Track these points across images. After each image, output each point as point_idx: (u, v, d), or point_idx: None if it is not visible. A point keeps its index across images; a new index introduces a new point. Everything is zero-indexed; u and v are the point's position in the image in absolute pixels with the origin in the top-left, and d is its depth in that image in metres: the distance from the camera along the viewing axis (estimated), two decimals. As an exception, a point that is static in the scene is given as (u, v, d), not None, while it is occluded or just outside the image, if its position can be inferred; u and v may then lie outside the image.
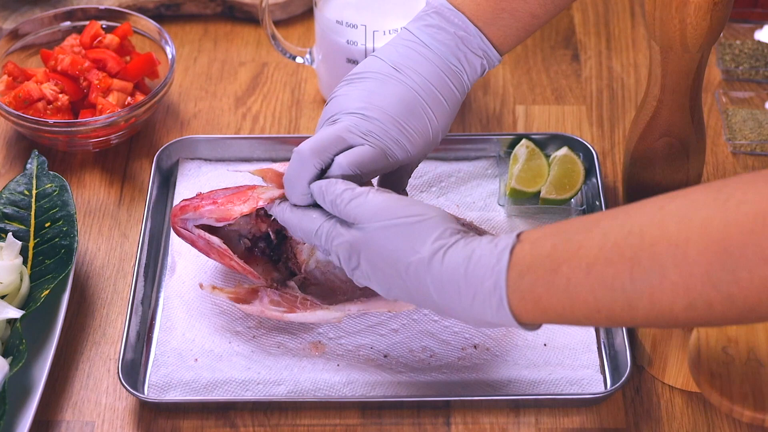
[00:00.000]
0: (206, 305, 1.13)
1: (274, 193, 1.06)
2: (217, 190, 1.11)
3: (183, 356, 1.09)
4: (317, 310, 1.08)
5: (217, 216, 1.08)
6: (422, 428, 1.06)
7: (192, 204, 1.09)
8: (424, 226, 0.94)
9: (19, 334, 1.05)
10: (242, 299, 1.10)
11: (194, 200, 1.10)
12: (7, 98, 1.26)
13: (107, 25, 1.34)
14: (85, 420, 1.07)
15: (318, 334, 1.11)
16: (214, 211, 1.08)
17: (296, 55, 1.34)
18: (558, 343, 1.10)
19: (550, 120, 1.34)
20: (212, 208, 1.08)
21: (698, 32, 1.07)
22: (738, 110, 1.33)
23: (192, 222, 1.09)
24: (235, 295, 1.10)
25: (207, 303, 1.13)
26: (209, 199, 1.09)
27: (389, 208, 0.96)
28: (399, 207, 0.96)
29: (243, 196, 1.08)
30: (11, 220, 1.16)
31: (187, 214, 1.09)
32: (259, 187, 1.08)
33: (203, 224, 1.09)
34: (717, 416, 1.06)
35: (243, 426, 1.06)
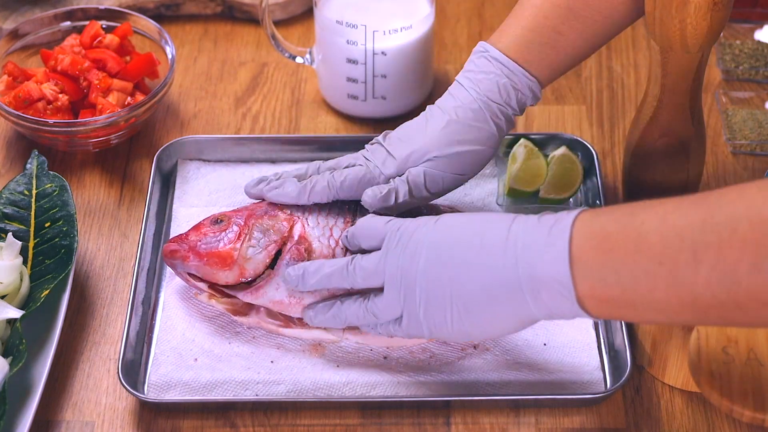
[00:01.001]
0: (207, 305, 1.13)
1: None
2: (207, 224, 1.11)
3: (183, 356, 1.09)
4: (313, 330, 1.08)
5: (201, 274, 1.10)
6: (422, 428, 1.06)
7: (180, 252, 1.10)
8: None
9: (19, 334, 1.05)
10: (239, 311, 1.10)
11: (183, 246, 1.10)
12: (7, 98, 1.26)
13: (107, 25, 1.34)
14: (85, 420, 1.07)
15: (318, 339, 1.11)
16: (200, 269, 1.09)
17: (296, 55, 1.34)
18: (558, 343, 1.10)
19: (550, 120, 1.34)
20: (198, 265, 1.09)
21: (698, 32, 1.07)
22: (738, 110, 1.33)
23: (181, 268, 1.10)
24: (232, 306, 1.10)
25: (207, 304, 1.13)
26: (196, 245, 1.10)
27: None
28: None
29: (230, 260, 1.08)
30: (11, 220, 1.16)
31: (176, 261, 1.10)
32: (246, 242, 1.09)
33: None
34: (717, 416, 1.06)
35: (243, 426, 1.06)
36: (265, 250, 1.09)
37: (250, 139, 1.27)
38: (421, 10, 1.28)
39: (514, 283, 0.93)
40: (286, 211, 1.12)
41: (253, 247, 1.09)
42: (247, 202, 1.20)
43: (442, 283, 0.96)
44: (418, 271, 0.98)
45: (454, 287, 0.96)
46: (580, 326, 1.11)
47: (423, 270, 0.97)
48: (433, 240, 0.98)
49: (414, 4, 1.29)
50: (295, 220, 1.11)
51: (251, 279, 1.09)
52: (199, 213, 1.19)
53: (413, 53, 1.29)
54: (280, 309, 1.09)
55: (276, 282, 1.08)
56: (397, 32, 1.26)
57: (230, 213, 1.12)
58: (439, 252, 0.97)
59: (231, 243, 1.09)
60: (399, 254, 0.99)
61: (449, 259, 0.96)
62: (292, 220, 1.11)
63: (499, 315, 0.95)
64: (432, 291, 0.97)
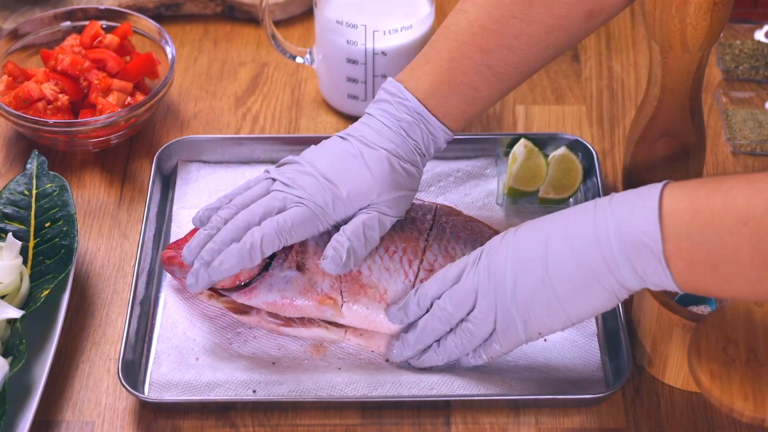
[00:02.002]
0: (207, 305, 1.13)
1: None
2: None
3: (184, 355, 1.09)
4: (314, 328, 1.08)
5: None
6: (422, 428, 1.06)
7: (178, 258, 1.10)
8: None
9: (19, 334, 1.05)
10: (240, 309, 1.10)
11: (180, 253, 1.10)
12: (7, 98, 1.26)
13: (107, 25, 1.34)
14: (85, 420, 1.07)
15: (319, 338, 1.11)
16: None
17: (296, 55, 1.34)
18: (558, 343, 1.10)
19: (550, 120, 1.34)
20: None
21: (698, 32, 1.07)
22: (738, 110, 1.33)
23: (179, 274, 1.11)
24: (233, 304, 1.10)
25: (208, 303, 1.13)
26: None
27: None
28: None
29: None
30: (11, 220, 1.16)
31: (174, 267, 1.11)
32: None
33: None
34: (717, 416, 1.06)
35: (243, 426, 1.06)
36: None
37: (250, 139, 1.26)
38: (421, 10, 1.28)
39: (604, 243, 0.94)
40: None
41: None
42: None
43: (532, 266, 0.98)
44: (506, 260, 0.99)
45: (547, 267, 0.97)
46: (581, 326, 1.11)
47: (512, 259, 0.99)
48: (520, 234, 1.00)
49: (414, 4, 1.29)
50: None
51: (248, 282, 1.09)
52: (199, 212, 1.19)
53: (413, 53, 1.28)
54: (273, 310, 1.09)
55: (268, 283, 1.08)
56: (397, 32, 1.26)
57: None
58: (526, 240, 0.99)
59: None
60: (483, 262, 1.01)
61: (538, 242, 0.98)
62: None
63: (592, 286, 0.96)
64: (522, 278, 0.98)
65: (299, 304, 1.08)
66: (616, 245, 0.94)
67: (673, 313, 1.04)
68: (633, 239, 0.93)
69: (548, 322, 1.00)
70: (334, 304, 1.08)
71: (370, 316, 1.08)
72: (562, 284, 0.97)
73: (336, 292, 1.08)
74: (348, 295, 1.08)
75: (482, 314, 1.01)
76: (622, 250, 0.93)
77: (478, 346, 1.04)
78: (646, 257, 0.93)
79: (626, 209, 0.94)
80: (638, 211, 0.93)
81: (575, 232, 0.97)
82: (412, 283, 1.09)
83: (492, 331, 1.02)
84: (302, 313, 1.09)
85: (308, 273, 1.09)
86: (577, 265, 0.96)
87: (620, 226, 0.94)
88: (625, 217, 0.94)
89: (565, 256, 0.97)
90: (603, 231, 0.94)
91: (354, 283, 1.08)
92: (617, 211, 0.94)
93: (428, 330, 1.05)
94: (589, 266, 0.96)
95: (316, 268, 1.09)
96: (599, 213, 0.96)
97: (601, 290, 0.96)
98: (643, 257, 0.93)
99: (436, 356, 1.06)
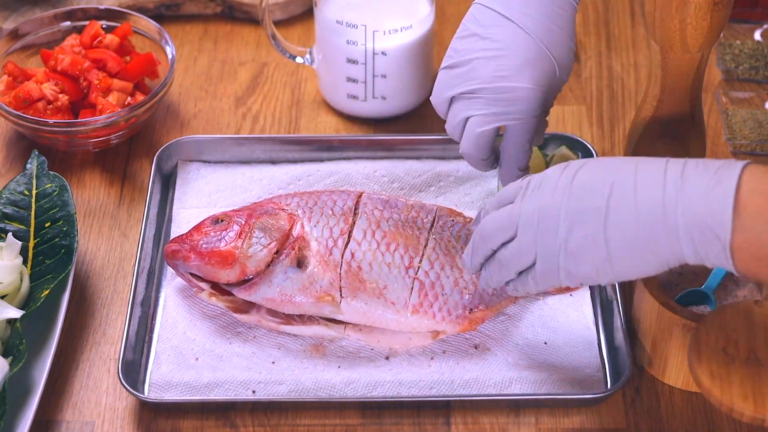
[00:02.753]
0: (207, 305, 1.13)
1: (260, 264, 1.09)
2: (207, 224, 1.12)
3: (184, 355, 1.09)
4: (314, 325, 1.09)
5: (203, 274, 1.10)
6: (422, 428, 1.06)
7: (182, 252, 1.10)
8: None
9: (19, 334, 1.05)
10: (240, 309, 1.10)
11: (184, 246, 1.11)
12: (7, 98, 1.26)
13: (107, 25, 1.34)
14: (85, 420, 1.07)
15: (319, 336, 1.11)
16: (201, 269, 1.10)
17: (296, 55, 1.34)
18: (558, 343, 1.10)
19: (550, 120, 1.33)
20: (199, 264, 1.10)
21: (698, 32, 1.07)
22: (738, 110, 1.33)
23: (182, 269, 1.10)
24: (233, 303, 1.10)
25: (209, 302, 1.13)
26: (198, 244, 1.10)
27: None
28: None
29: (231, 258, 1.09)
30: (11, 220, 1.16)
31: (177, 261, 1.11)
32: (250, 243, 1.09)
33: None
34: (717, 416, 1.06)
35: (243, 426, 1.06)
36: (266, 249, 1.09)
37: (250, 139, 1.26)
38: (421, 10, 1.28)
39: (670, 218, 0.90)
40: (287, 209, 1.12)
41: (254, 246, 1.09)
42: (247, 202, 1.20)
43: (589, 220, 0.93)
44: (561, 208, 0.94)
45: (606, 224, 0.92)
46: (581, 326, 1.11)
47: (567, 207, 0.94)
48: (580, 179, 0.94)
49: (414, 4, 1.29)
50: (296, 219, 1.11)
51: (252, 277, 1.09)
52: (199, 214, 1.19)
53: (413, 53, 1.29)
54: (272, 306, 1.09)
55: (269, 280, 1.08)
56: (397, 32, 1.26)
57: (231, 213, 1.12)
58: (586, 189, 0.94)
59: (232, 242, 1.09)
60: (535, 196, 0.96)
61: (600, 195, 0.93)
62: (293, 219, 1.11)
63: (648, 253, 0.92)
64: (577, 229, 0.94)
65: (298, 301, 1.08)
66: (682, 223, 0.89)
67: (673, 313, 1.04)
68: (701, 223, 0.88)
69: (593, 277, 0.95)
70: (333, 300, 1.08)
71: (369, 311, 1.08)
72: (619, 247, 0.93)
73: (335, 288, 1.08)
74: (347, 291, 1.08)
75: (521, 248, 0.97)
76: (687, 229, 0.89)
77: (513, 279, 1.00)
78: (711, 243, 0.89)
79: (700, 187, 0.89)
80: (712, 193, 0.88)
81: (643, 193, 0.91)
82: (412, 280, 1.09)
83: (529, 266, 0.98)
84: (301, 310, 1.09)
85: (308, 270, 1.09)
86: (638, 231, 0.91)
87: (690, 205, 0.89)
88: (697, 197, 0.89)
89: (627, 218, 0.92)
90: (671, 204, 0.89)
91: (354, 279, 1.09)
92: (690, 186, 0.89)
93: (475, 248, 1.01)
94: (650, 235, 0.91)
95: (317, 265, 1.09)
96: (670, 180, 0.90)
97: (656, 260, 0.92)
98: (708, 242, 0.89)
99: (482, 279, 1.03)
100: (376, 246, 1.10)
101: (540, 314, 1.12)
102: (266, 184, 1.23)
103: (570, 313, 1.12)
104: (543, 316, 1.12)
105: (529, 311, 1.12)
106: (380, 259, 1.10)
